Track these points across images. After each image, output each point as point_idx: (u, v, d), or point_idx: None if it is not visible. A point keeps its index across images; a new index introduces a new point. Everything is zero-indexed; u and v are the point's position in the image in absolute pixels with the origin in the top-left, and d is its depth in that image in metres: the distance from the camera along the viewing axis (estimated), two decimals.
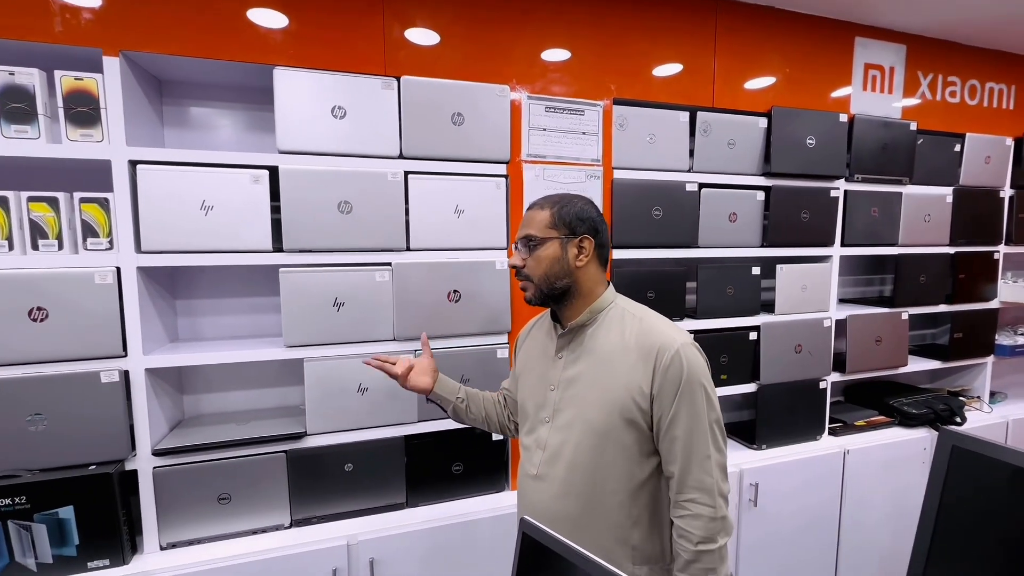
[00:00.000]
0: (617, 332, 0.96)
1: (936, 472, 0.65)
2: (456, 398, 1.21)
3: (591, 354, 0.97)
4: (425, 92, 1.48)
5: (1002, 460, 0.57)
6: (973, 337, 2.40)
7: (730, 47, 1.87)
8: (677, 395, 0.88)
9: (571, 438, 0.96)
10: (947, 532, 0.63)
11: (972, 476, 0.61)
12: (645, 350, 0.91)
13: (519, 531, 0.49)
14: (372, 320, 1.49)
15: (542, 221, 0.99)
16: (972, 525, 0.61)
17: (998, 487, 0.58)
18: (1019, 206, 2.44)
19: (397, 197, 1.48)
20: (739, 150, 1.88)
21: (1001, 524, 0.58)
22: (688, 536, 0.87)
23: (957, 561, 0.61)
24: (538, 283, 0.98)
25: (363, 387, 1.49)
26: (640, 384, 0.90)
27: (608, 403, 0.92)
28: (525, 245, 1.00)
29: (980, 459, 0.60)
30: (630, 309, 1.00)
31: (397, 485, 1.57)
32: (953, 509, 0.63)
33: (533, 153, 1.63)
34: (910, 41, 2.18)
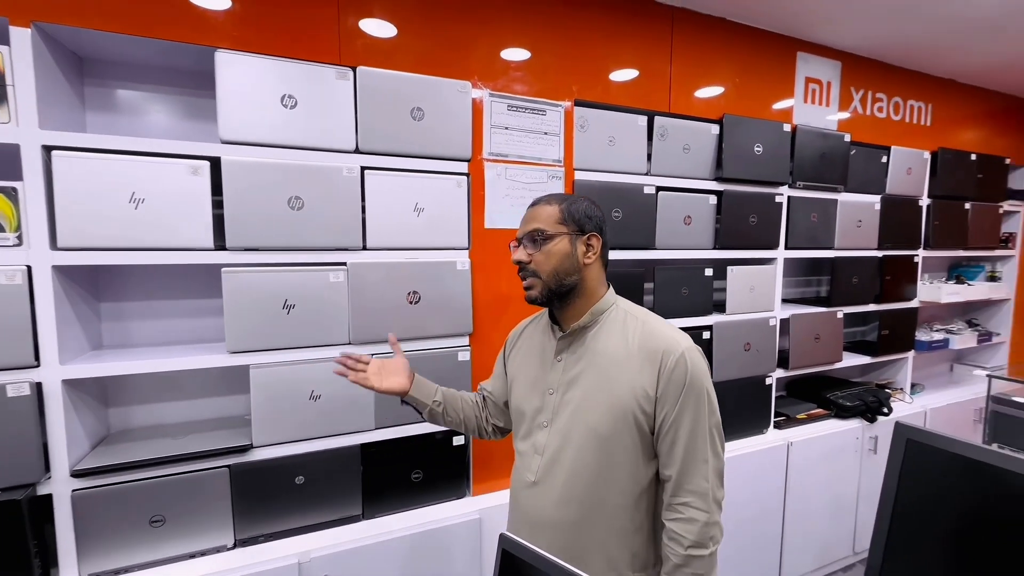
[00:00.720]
0: (619, 335, 0.94)
1: (892, 465, 0.67)
2: (433, 401, 1.15)
3: (593, 357, 0.94)
4: (383, 84, 1.42)
5: (955, 452, 0.60)
6: (897, 334, 2.61)
7: (685, 55, 1.92)
8: (680, 398, 0.88)
9: (572, 443, 0.93)
10: (903, 523, 0.65)
11: (926, 468, 0.63)
12: (649, 353, 0.90)
13: (498, 547, 0.46)
14: (326, 323, 1.41)
15: (551, 216, 0.95)
16: (927, 516, 0.63)
17: (951, 479, 0.61)
18: (935, 214, 2.68)
19: (353, 193, 1.41)
20: (694, 155, 1.94)
21: (955, 514, 0.60)
22: (679, 540, 0.86)
23: (914, 551, 0.64)
24: (546, 280, 0.94)
25: (316, 394, 1.41)
26: (645, 387, 0.89)
27: (612, 407, 0.90)
28: (532, 240, 0.95)
29: (934, 452, 0.63)
30: (632, 311, 0.98)
31: (353, 496, 1.49)
32: (909, 501, 0.65)
33: (495, 152, 1.60)
34: (845, 58, 2.34)
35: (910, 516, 0.65)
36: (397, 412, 1.51)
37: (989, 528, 0.59)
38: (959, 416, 2.78)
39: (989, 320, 3.34)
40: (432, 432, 1.58)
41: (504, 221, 1.64)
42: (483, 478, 1.68)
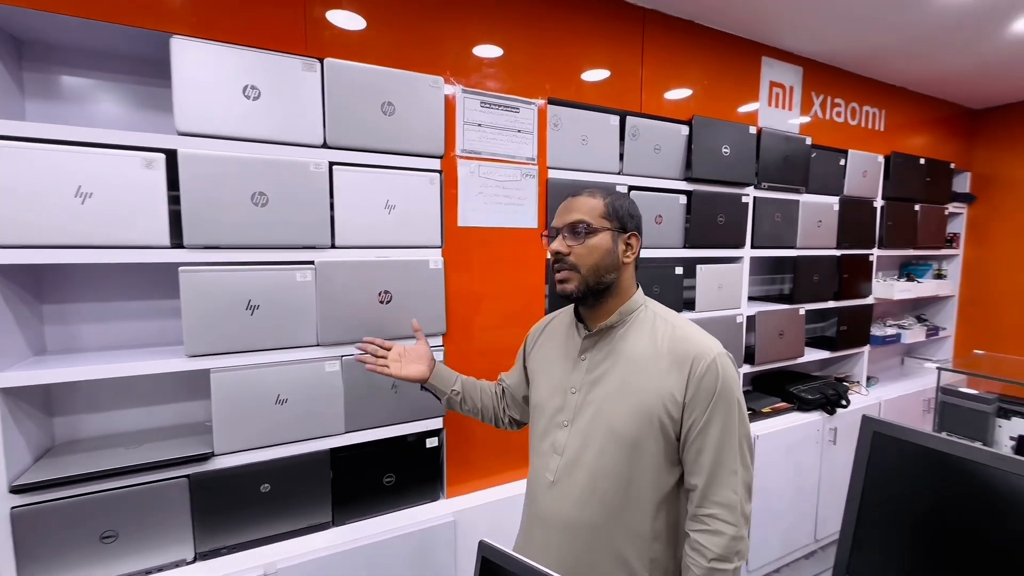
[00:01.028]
0: (648, 336, 0.92)
1: (859, 457, 0.69)
2: (451, 390, 1.19)
3: (620, 358, 0.92)
4: (352, 77, 1.38)
5: (918, 443, 0.62)
6: (854, 329, 2.73)
7: (656, 56, 1.95)
8: (710, 406, 0.84)
9: (593, 444, 0.90)
10: (870, 512, 0.67)
11: (891, 459, 0.65)
12: (679, 357, 0.87)
13: (478, 555, 0.44)
14: (292, 324, 1.35)
15: (595, 209, 0.93)
16: (893, 504, 0.65)
17: (915, 468, 0.63)
18: (888, 215, 2.82)
19: (320, 189, 1.36)
20: (664, 155, 1.97)
21: (920, 503, 0.62)
22: (703, 551, 0.83)
23: (881, 538, 0.65)
24: (585, 274, 0.91)
25: (282, 398, 1.35)
26: (672, 392, 0.86)
27: (637, 410, 0.87)
28: (572, 232, 0.92)
29: (898, 443, 0.65)
30: (661, 313, 0.96)
31: (322, 503, 1.44)
32: (875, 490, 0.67)
33: (468, 149, 1.58)
34: (806, 64, 2.42)
35: (876, 505, 0.67)
36: (368, 415, 1.48)
37: (950, 513, 0.62)
38: (910, 406, 2.93)
39: (936, 315, 3.55)
40: (404, 434, 1.55)
41: (478, 219, 1.62)
42: (458, 479, 1.66)
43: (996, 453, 0.56)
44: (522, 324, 1.73)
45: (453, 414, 1.61)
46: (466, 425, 1.65)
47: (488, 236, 1.64)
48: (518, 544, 1.07)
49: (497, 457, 1.73)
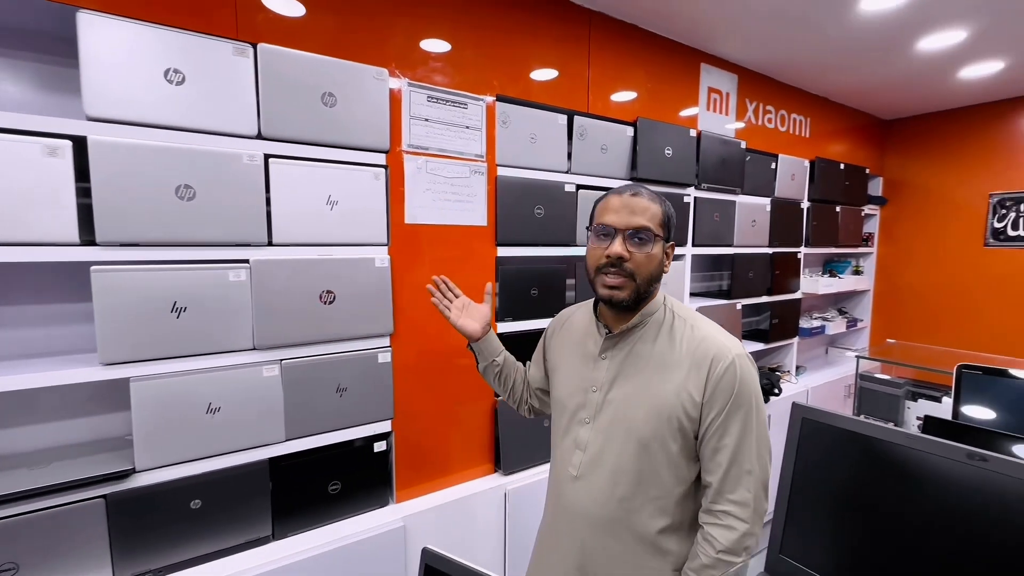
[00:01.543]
0: (667, 336, 0.92)
1: (790, 440, 0.73)
2: (493, 361, 1.19)
3: (639, 359, 0.92)
4: (289, 65, 1.30)
5: (842, 428, 0.67)
6: (785, 322, 2.92)
7: (602, 58, 1.99)
8: (728, 406, 0.85)
9: (615, 442, 0.91)
10: (802, 492, 0.71)
11: (819, 442, 0.70)
12: (698, 358, 0.87)
13: (421, 562, 0.43)
14: (225, 327, 1.26)
15: (656, 216, 0.90)
16: (821, 486, 0.69)
17: (840, 451, 0.67)
18: (813, 216, 3.03)
19: (255, 183, 1.28)
20: (611, 155, 2.02)
21: (844, 482, 0.67)
22: (712, 543, 0.84)
23: (811, 520, 0.69)
24: (640, 284, 0.89)
25: (214, 407, 1.26)
26: (691, 392, 0.86)
27: (657, 410, 0.88)
28: (636, 237, 0.88)
29: (824, 427, 0.69)
30: (680, 313, 0.95)
31: (261, 516, 1.36)
32: (804, 470, 0.71)
33: (415, 144, 1.54)
34: (740, 72, 2.56)
35: (806, 486, 0.71)
36: (311, 420, 1.41)
37: (870, 490, 0.66)
38: (834, 392, 3.18)
39: (855, 308, 3.87)
40: (351, 439, 1.49)
41: (426, 216, 1.58)
42: (408, 483, 1.62)
43: (908, 433, 0.61)
44: None
45: (403, 417, 1.57)
46: (418, 427, 1.62)
47: (437, 234, 1.61)
48: (541, 533, 1.08)
49: (451, 458, 1.71)
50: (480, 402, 1.76)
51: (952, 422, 0.83)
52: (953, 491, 0.58)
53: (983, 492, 0.56)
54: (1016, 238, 3.15)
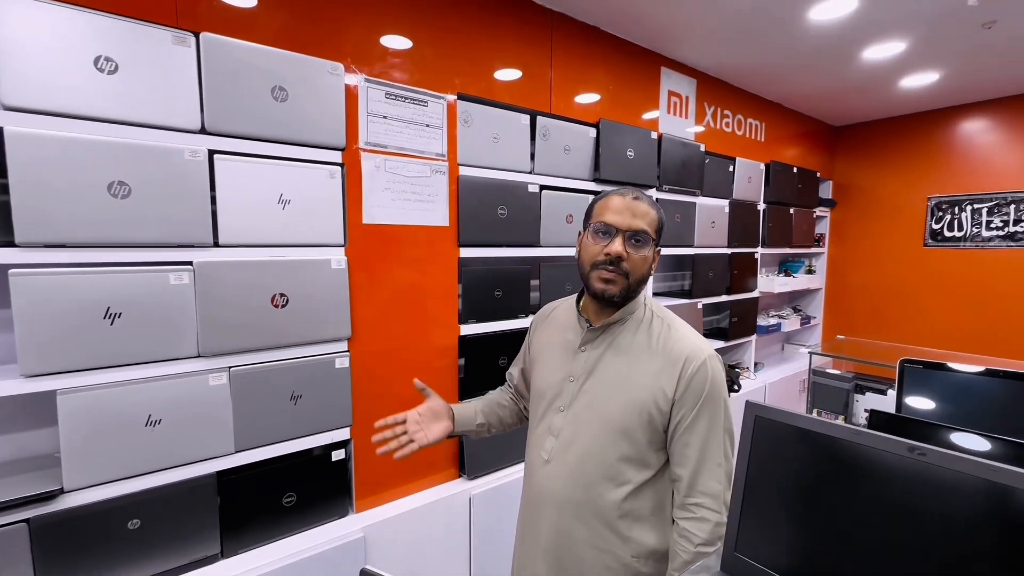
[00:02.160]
0: (645, 334, 0.96)
1: (744, 439, 0.73)
2: (477, 425, 1.13)
3: (618, 352, 0.96)
4: (235, 56, 1.24)
5: (792, 424, 0.68)
6: (743, 320, 3.01)
7: (565, 59, 1.99)
8: (699, 404, 0.89)
9: (587, 430, 0.95)
10: (755, 489, 0.72)
11: (772, 440, 0.70)
12: (673, 356, 0.91)
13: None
14: (165, 333, 1.18)
15: (653, 221, 0.94)
16: (774, 480, 0.70)
17: (791, 447, 0.68)
18: (769, 217, 3.14)
19: (199, 181, 1.20)
20: (574, 156, 2.02)
21: (795, 477, 0.68)
22: (690, 537, 0.88)
23: (765, 514, 0.70)
24: (632, 282, 0.92)
25: (154, 419, 1.18)
26: (664, 388, 0.90)
27: (629, 402, 0.92)
28: (635, 239, 0.91)
29: (777, 425, 0.70)
30: (659, 313, 0.99)
31: (208, 533, 1.29)
32: (759, 469, 0.71)
33: (373, 142, 1.50)
34: (700, 77, 2.62)
35: (759, 481, 0.71)
36: (263, 430, 1.34)
37: (819, 483, 0.67)
38: (790, 387, 3.30)
39: (808, 306, 4.03)
40: (309, 448, 1.43)
41: (385, 216, 1.54)
42: (368, 492, 1.56)
43: (854, 429, 0.62)
44: (435, 326, 1.68)
45: (363, 423, 1.52)
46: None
47: (397, 234, 1.57)
48: (519, 518, 1.12)
49: (414, 464, 1.66)
50: None
51: (895, 415, 0.86)
52: (896, 485, 0.60)
53: (924, 484, 0.58)
54: (952, 238, 3.36)
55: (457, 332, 1.74)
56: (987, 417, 1.13)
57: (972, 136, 3.27)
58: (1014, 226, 3.11)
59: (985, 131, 3.22)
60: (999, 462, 0.54)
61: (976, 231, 3.25)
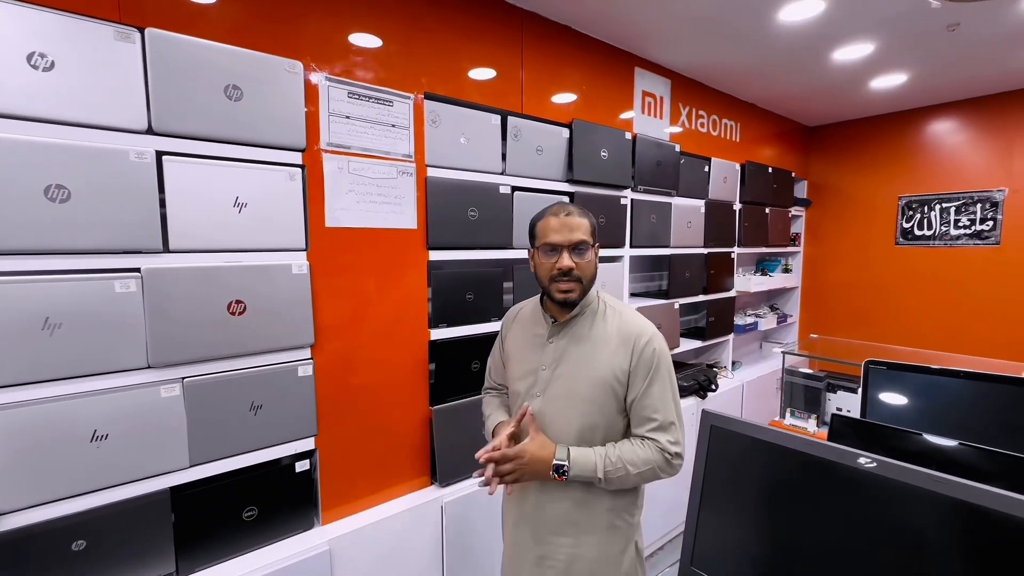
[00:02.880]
0: (601, 323, 1.15)
1: (699, 449, 0.72)
2: None
3: (581, 341, 1.14)
4: (184, 53, 1.18)
5: (747, 435, 0.66)
6: (720, 320, 3.03)
7: (536, 59, 1.97)
8: (651, 372, 1.10)
9: (563, 407, 1.13)
10: (711, 501, 0.70)
11: (727, 450, 0.69)
12: (624, 338, 1.11)
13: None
14: (111, 344, 1.13)
15: (588, 228, 1.12)
16: (730, 492, 0.68)
17: (746, 457, 0.66)
18: (744, 217, 3.17)
19: (146, 183, 1.15)
20: (546, 156, 2.00)
21: (750, 488, 0.66)
22: (651, 450, 1.08)
23: (720, 526, 0.68)
24: (586, 284, 1.12)
25: (100, 434, 1.12)
26: (621, 364, 1.10)
27: (596, 379, 1.10)
28: (577, 250, 1.10)
29: (731, 435, 0.68)
30: (611, 304, 1.19)
31: (162, 551, 1.23)
32: (715, 480, 0.70)
33: (335, 143, 1.45)
34: (674, 77, 2.62)
35: (715, 492, 0.70)
36: (221, 442, 1.29)
37: (774, 494, 0.65)
38: (767, 386, 3.33)
39: (785, 304, 4.08)
40: (271, 459, 1.38)
41: (349, 219, 1.49)
42: (335, 503, 1.52)
43: (806, 439, 0.61)
44: (404, 331, 1.64)
45: (328, 432, 1.48)
46: (345, 442, 1.52)
47: (362, 238, 1.53)
48: (504, 501, 1.29)
49: (383, 473, 1.62)
50: (414, 412, 1.68)
51: (856, 420, 0.86)
52: (849, 495, 0.58)
53: (874, 495, 0.56)
54: (921, 237, 3.43)
55: (427, 336, 1.70)
56: (950, 417, 1.14)
57: (940, 137, 3.34)
58: (980, 224, 3.18)
59: (952, 132, 3.29)
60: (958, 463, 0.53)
61: (945, 230, 3.33)
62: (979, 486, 0.49)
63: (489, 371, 1.39)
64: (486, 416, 1.31)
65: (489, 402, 1.35)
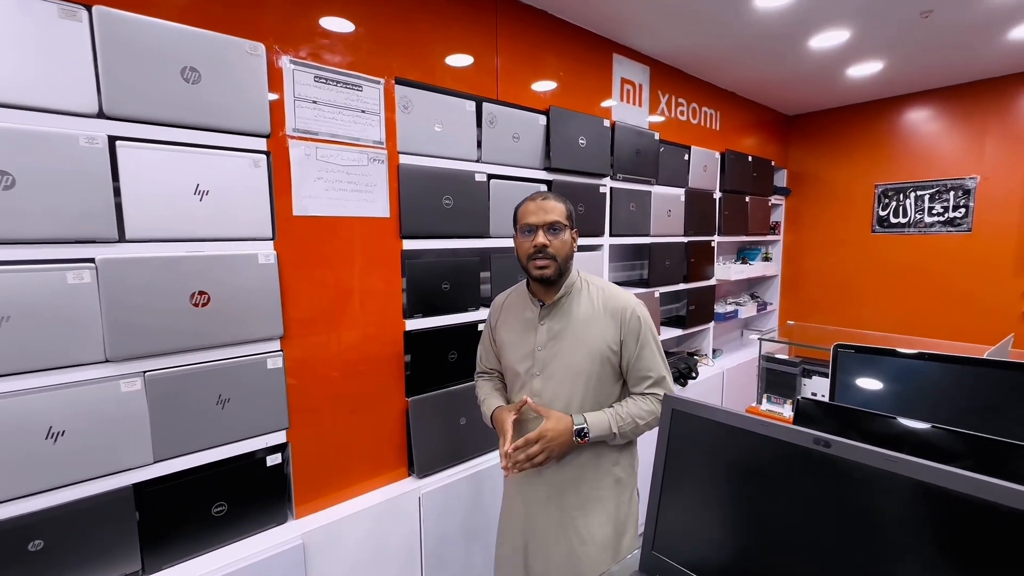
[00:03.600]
0: (587, 301, 1.25)
1: (661, 434, 0.71)
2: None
3: (571, 319, 1.24)
4: (136, 33, 1.13)
5: (706, 417, 0.65)
6: (701, 308, 3.05)
7: (511, 44, 1.93)
8: (639, 338, 1.22)
9: (561, 383, 1.23)
10: (672, 486, 0.69)
11: (688, 434, 0.68)
12: (612, 311, 1.23)
13: None
14: (65, 338, 1.08)
15: (563, 212, 1.22)
16: (690, 475, 0.68)
17: (706, 440, 0.66)
18: (725, 205, 3.18)
19: (98, 170, 1.10)
20: (523, 144, 1.97)
21: (709, 469, 0.65)
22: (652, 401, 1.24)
23: (681, 510, 0.68)
24: (560, 262, 1.21)
25: (56, 431, 1.08)
26: (612, 335, 1.22)
27: (590, 352, 1.22)
28: (552, 229, 1.20)
29: (692, 418, 0.67)
30: (592, 281, 1.29)
31: (126, 549, 1.20)
32: (676, 464, 0.69)
33: (302, 128, 1.41)
34: (653, 64, 2.60)
35: (676, 477, 0.69)
36: (187, 437, 1.26)
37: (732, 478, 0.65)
38: (748, 373, 3.37)
39: (765, 292, 4.13)
40: (242, 453, 1.35)
41: (319, 207, 1.46)
42: (309, 496, 1.50)
43: (761, 421, 0.60)
44: (378, 321, 1.61)
45: (300, 425, 1.45)
46: (319, 435, 1.50)
47: (333, 226, 1.49)
48: (506, 484, 1.40)
49: (359, 465, 1.60)
50: (390, 404, 1.66)
51: (820, 402, 0.86)
52: (805, 477, 0.58)
53: (829, 476, 0.56)
54: (897, 224, 3.48)
55: (403, 327, 1.68)
56: (919, 399, 1.15)
57: (915, 125, 3.39)
58: (953, 212, 3.24)
59: (926, 120, 3.34)
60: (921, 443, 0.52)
61: (919, 217, 3.38)
62: (935, 465, 0.49)
63: (480, 357, 1.47)
64: (481, 400, 1.39)
65: (482, 386, 1.42)
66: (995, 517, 0.45)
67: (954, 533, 0.48)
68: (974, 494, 0.47)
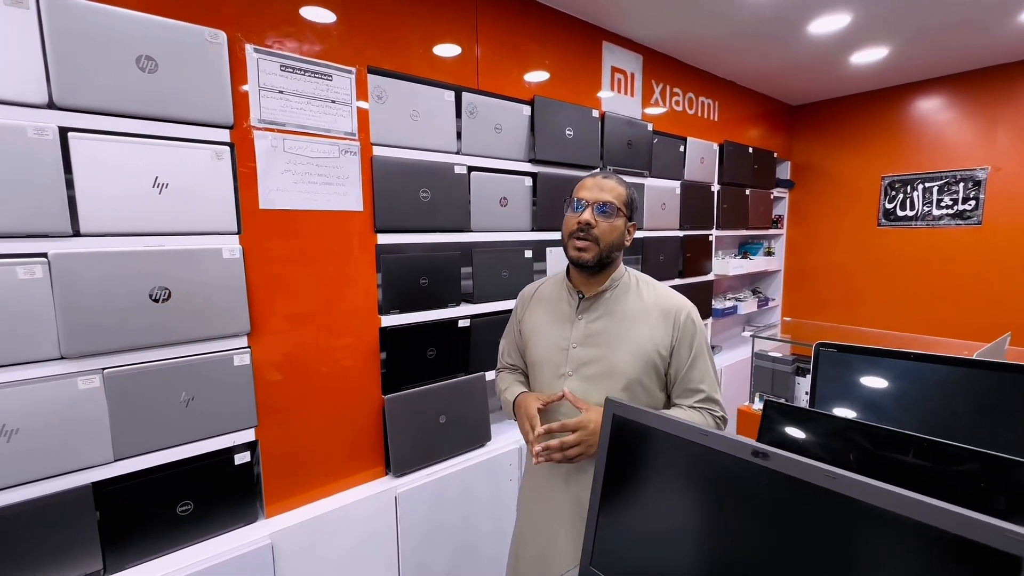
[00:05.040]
0: (635, 296, 1.12)
1: (604, 433, 0.66)
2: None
3: (614, 315, 1.11)
4: (86, 21, 1.10)
5: (642, 423, 0.60)
6: (698, 303, 2.96)
7: (493, 31, 1.87)
8: (693, 346, 1.09)
9: (601, 384, 1.09)
10: (612, 498, 0.65)
11: (629, 442, 0.64)
12: (664, 311, 1.10)
13: None
14: (16, 334, 1.06)
15: (620, 196, 1.09)
16: (628, 483, 0.64)
17: (646, 450, 0.61)
18: (723, 198, 3.09)
19: (49, 162, 1.07)
20: (506, 135, 1.92)
21: (648, 480, 0.61)
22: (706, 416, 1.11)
23: (620, 523, 0.64)
24: (602, 248, 1.07)
25: (9, 429, 1.06)
26: (664, 338, 1.08)
27: (636, 353, 1.08)
28: (602, 210, 1.07)
29: (633, 425, 0.63)
30: (640, 277, 1.17)
31: (86, 549, 1.18)
32: (616, 475, 0.65)
33: (267, 119, 1.37)
34: (645, 52, 2.53)
35: (616, 488, 0.65)
36: (149, 435, 1.24)
37: (671, 489, 0.61)
38: (746, 370, 3.29)
39: (768, 288, 4.03)
40: (208, 452, 1.33)
41: (287, 201, 1.42)
42: (280, 495, 1.47)
43: (701, 430, 0.56)
44: (351, 317, 1.58)
45: (270, 423, 1.42)
46: (290, 433, 1.47)
47: (302, 220, 1.45)
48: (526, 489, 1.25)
49: (333, 463, 1.57)
50: (366, 401, 1.63)
51: (787, 405, 0.80)
52: (743, 488, 0.53)
53: (766, 488, 0.51)
54: (904, 218, 3.37)
55: (378, 323, 1.64)
56: (904, 401, 1.09)
57: (923, 114, 3.26)
58: (963, 204, 3.12)
59: (935, 109, 3.21)
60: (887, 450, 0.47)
61: (927, 210, 3.27)
62: (869, 482, 0.44)
63: (503, 352, 1.35)
64: (502, 390, 1.27)
65: (504, 377, 1.31)
66: (930, 539, 0.40)
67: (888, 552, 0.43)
68: (904, 514, 0.42)
